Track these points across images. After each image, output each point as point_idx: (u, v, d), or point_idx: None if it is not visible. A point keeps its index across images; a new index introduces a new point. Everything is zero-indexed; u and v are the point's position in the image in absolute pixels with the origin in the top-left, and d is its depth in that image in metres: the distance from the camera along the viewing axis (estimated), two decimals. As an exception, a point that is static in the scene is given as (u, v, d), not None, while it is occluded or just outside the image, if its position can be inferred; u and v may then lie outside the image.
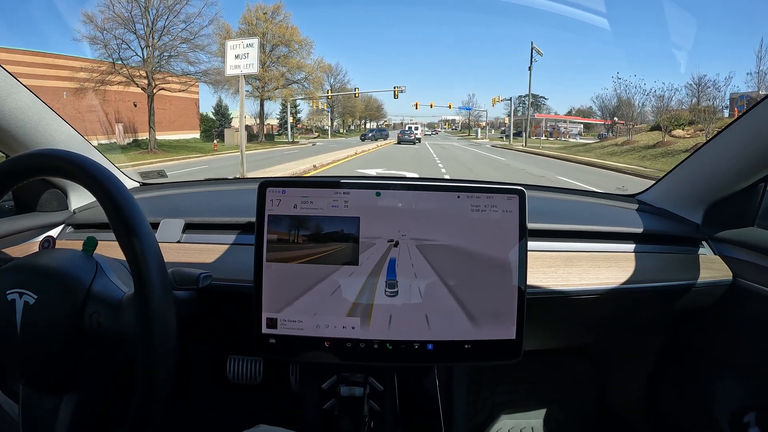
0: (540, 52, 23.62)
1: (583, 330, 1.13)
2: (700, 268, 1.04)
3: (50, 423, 0.68)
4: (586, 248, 1.05)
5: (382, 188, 0.79)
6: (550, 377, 1.48)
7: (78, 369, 0.68)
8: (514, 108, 29.41)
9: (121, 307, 0.66)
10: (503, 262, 0.79)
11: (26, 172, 0.69)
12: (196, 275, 0.78)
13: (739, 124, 0.96)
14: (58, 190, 1.15)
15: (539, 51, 23.66)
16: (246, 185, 1.48)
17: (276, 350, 0.81)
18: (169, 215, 1.08)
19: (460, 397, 1.13)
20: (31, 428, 0.69)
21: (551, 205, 1.28)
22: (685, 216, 1.16)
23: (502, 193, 0.80)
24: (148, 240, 0.63)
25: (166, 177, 1.59)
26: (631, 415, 1.38)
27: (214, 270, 0.84)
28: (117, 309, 0.66)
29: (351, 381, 0.91)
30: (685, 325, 1.16)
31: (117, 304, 0.67)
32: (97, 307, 0.67)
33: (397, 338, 0.79)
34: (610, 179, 10.48)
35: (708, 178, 1.08)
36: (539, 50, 23.47)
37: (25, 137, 1.00)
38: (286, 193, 0.79)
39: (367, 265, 0.79)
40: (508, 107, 30.21)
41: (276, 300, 0.79)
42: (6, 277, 0.68)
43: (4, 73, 0.91)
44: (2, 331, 0.66)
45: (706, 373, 1.15)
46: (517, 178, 10.34)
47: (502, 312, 0.80)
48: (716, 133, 1.03)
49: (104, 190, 0.63)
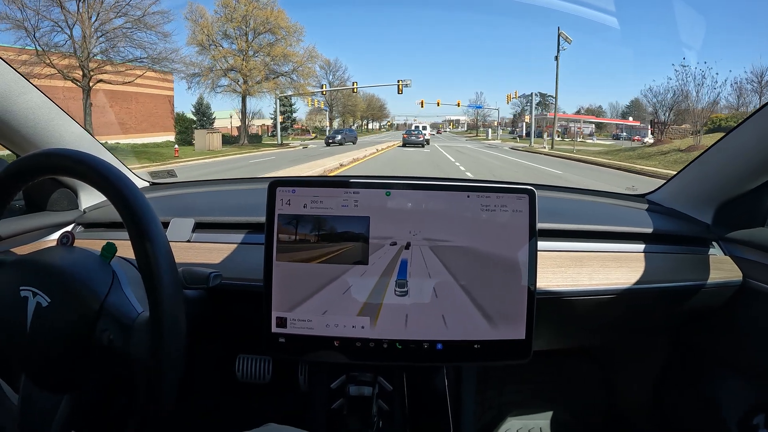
0: (569, 39, 19.99)
1: (592, 330, 1.12)
2: (710, 268, 1.03)
3: (48, 419, 0.68)
4: (596, 248, 1.05)
5: (392, 188, 0.79)
6: (557, 378, 1.48)
7: (82, 373, 0.68)
8: (522, 107, 27.90)
9: (134, 329, 0.65)
10: (513, 261, 0.79)
11: (37, 171, 0.69)
12: (206, 274, 0.79)
13: (750, 122, 0.95)
14: (69, 189, 1.15)
15: (568, 38, 19.84)
16: (256, 185, 1.48)
17: (285, 349, 0.81)
18: (178, 214, 1.09)
19: (469, 397, 1.13)
20: (30, 421, 0.69)
21: (561, 204, 1.27)
22: (696, 216, 1.15)
23: (512, 193, 0.80)
24: (159, 239, 0.63)
25: (175, 177, 1.60)
26: (638, 417, 1.37)
27: (224, 269, 0.84)
28: (129, 330, 0.65)
29: (360, 380, 0.91)
30: (693, 326, 1.15)
31: (129, 325, 0.66)
32: (109, 325, 0.66)
33: (406, 338, 0.79)
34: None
35: (718, 177, 1.07)
36: (568, 37, 19.95)
37: (35, 137, 1.01)
38: (296, 193, 0.79)
39: (377, 264, 0.79)
40: (514, 107, 29.00)
41: (286, 299, 0.80)
42: (22, 270, 0.68)
43: (15, 74, 0.92)
44: (12, 325, 0.66)
45: (714, 374, 1.14)
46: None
47: (511, 312, 0.80)
48: (727, 132, 1.02)
49: (115, 190, 0.63)
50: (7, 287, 0.67)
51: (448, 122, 38.91)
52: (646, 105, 20.19)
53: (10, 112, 0.94)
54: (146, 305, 0.64)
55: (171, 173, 1.58)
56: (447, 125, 39.18)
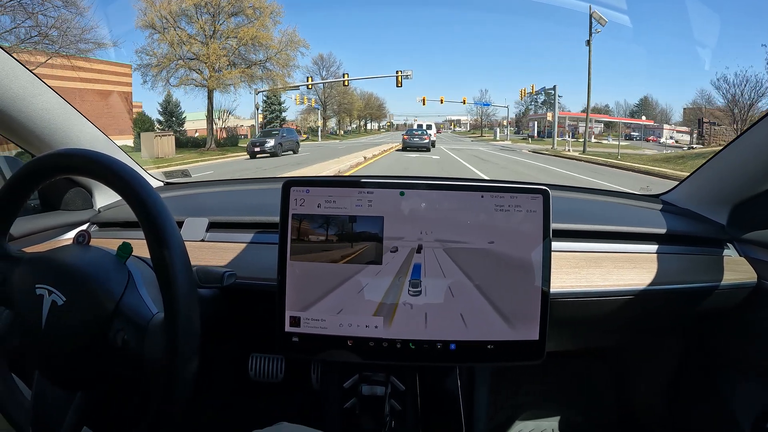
0: (602, 19, 16.13)
1: (605, 332, 1.12)
2: (725, 269, 1.02)
3: (61, 415, 0.68)
4: (610, 249, 1.04)
5: (406, 188, 0.79)
6: (569, 379, 1.47)
7: (95, 371, 0.68)
8: (527, 106, 26.47)
9: (148, 330, 0.65)
10: (527, 262, 0.79)
11: (54, 170, 0.70)
12: (221, 273, 0.79)
13: (765, 121, 0.94)
14: (83, 189, 1.17)
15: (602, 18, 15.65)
16: (269, 184, 1.49)
17: (299, 348, 0.81)
18: (193, 214, 1.10)
19: (482, 398, 1.13)
20: (42, 417, 0.69)
21: (575, 204, 1.27)
22: (710, 216, 1.14)
23: (526, 193, 0.79)
24: (174, 238, 0.63)
25: (189, 176, 1.62)
26: (651, 419, 1.36)
27: (238, 268, 0.85)
28: (144, 330, 0.65)
29: (373, 380, 0.91)
30: (706, 327, 1.14)
31: (144, 326, 0.66)
32: (124, 326, 0.66)
33: (419, 338, 0.79)
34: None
35: (734, 177, 1.06)
36: (602, 17, 16.08)
37: (51, 137, 1.02)
38: (310, 193, 0.80)
39: (391, 264, 0.79)
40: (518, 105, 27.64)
41: (299, 298, 0.80)
42: (38, 268, 0.68)
43: (31, 75, 0.93)
44: (27, 322, 0.66)
45: (728, 376, 1.13)
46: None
47: (525, 312, 0.79)
48: (743, 131, 1.01)
49: (131, 190, 0.64)
50: (23, 284, 0.67)
51: (450, 122, 37.33)
52: (720, 95, 16.22)
53: (26, 112, 0.95)
54: (161, 306, 0.65)
55: (185, 173, 1.60)
56: (448, 125, 38.03)
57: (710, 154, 1.09)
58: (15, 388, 0.73)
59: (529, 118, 25.99)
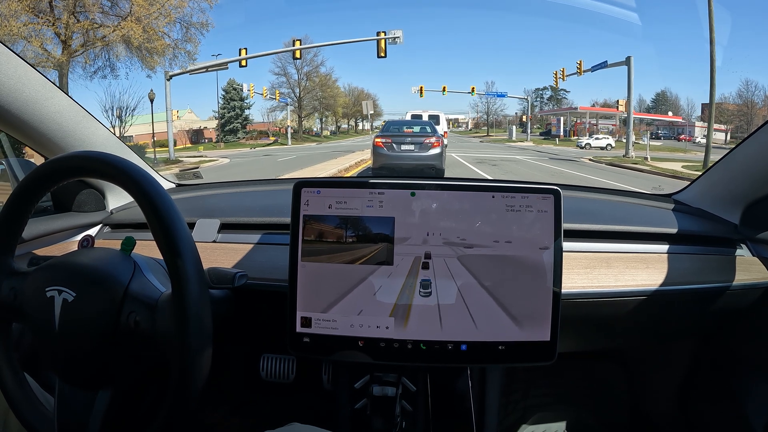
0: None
1: (617, 333, 1.11)
2: (738, 269, 1.01)
3: (84, 417, 0.69)
4: (622, 249, 1.03)
5: (417, 188, 0.80)
6: (581, 381, 1.46)
7: (112, 366, 0.69)
8: (531, 102, 24.31)
9: (158, 308, 0.67)
10: (538, 262, 0.79)
11: (67, 173, 0.71)
12: (232, 274, 0.80)
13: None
14: (95, 190, 1.18)
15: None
16: (280, 186, 1.50)
17: (310, 349, 0.81)
18: (204, 215, 1.10)
19: (493, 399, 1.12)
20: (66, 421, 0.70)
21: (586, 205, 1.26)
22: (723, 216, 1.12)
23: (537, 193, 0.79)
24: (185, 240, 0.64)
25: (201, 178, 1.63)
26: (663, 421, 1.35)
27: (249, 269, 0.85)
28: (154, 309, 0.67)
29: (384, 381, 0.91)
30: (719, 328, 1.13)
31: (154, 304, 0.67)
32: (135, 307, 0.67)
33: (431, 338, 0.79)
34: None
35: (747, 176, 1.05)
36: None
37: (63, 140, 1.03)
38: (320, 194, 0.80)
39: (402, 265, 0.79)
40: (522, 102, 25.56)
41: (311, 299, 0.80)
42: (46, 274, 0.70)
43: (42, 78, 0.94)
44: (41, 326, 0.67)
45: (741, 377, 1.12)
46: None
47: (536, 313, 0.79)
48: (756, 129, 1.00)
49: (143, 191, 0.64)
50: (34, 291, 0.69)
51: (448, 121, 34.60)
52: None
53: (38, 115, 0.96)
54: (168, 286, 0.66)
55: (197, 174, 1.61)
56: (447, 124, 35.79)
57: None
58: (35, 399, 0.74)
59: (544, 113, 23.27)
